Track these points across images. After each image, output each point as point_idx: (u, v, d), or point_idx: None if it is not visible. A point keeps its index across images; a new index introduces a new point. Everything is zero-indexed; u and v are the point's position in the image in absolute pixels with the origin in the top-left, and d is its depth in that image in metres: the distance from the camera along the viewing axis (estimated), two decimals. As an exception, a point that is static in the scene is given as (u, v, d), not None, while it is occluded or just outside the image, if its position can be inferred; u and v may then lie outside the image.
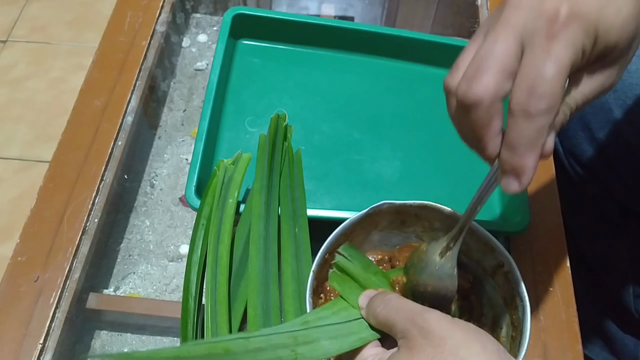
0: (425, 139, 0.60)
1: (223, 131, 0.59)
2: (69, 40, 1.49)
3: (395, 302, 0.34)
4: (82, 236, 0.51)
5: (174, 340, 0.51)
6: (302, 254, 0.47)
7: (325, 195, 0.56)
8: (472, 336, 0.30)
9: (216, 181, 0.50)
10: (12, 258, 0.49)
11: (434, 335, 0.30)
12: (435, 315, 0.31)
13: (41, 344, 0.45)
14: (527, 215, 0.52)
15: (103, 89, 0.59)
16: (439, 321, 0.31)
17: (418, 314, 0.32)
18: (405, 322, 0.32)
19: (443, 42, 0.64)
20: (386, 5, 0.80)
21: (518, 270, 0.40)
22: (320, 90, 0.63)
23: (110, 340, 0.51)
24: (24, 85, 1.41)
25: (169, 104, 0.67)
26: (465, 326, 0.31)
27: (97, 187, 0.53)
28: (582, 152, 0.62)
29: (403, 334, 0.32)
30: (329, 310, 0.37)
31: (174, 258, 0.56)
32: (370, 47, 0.64)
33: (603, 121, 0.60)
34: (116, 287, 0.54)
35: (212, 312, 0.44)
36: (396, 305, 0.34)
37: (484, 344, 0.30)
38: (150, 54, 0.63)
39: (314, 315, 0.37)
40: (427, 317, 0.31)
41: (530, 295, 0.39)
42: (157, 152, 0.63)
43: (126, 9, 0.66)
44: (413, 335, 0.31)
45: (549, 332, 0.48)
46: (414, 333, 0.31)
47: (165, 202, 0.59)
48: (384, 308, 0.34)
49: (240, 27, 0.63)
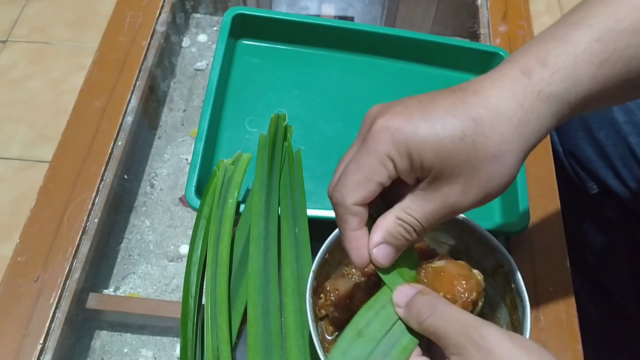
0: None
1: (223, 131, 0.59)
2: (69, 40, 1.49)
3: (445, 311, 0.31)
4: (82, 236, 0.51)
5: (174, 340, 0.51)
6: (302, 254, 0.47)
7: (325, 195, 0.55)
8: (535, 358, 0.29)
9: (216, 181, 0.50)
10: (12, 258, 0.49)
11: (495, 356, 0.28)
12: (494, 331, 0.29)
13: (41, 344, 0.45)
14: (527, 215, 0.52)
15: (103, 89, 0.59)
16: (499, 339, 0.29)
17: (474, 328, 0.30)
18: (460, 336, 0.30)
19: (443, 42, 0.64)
20: (386, 5, 0.80)
21: (518, 270, 0.40)
22: (320, 90, 0.63)
23: (110, 340, 0.51)
24: (24, 85, 1.41)
25: (169, 104, 0.67)
26: (527, 345, 0.29)
27: (97, 187, 0.53)
28: (582, 152, 0.62)
29: (458, 349, 0.30)
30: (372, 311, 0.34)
31: (174, 258, 0.56)
32: (370, 47, 0.64)
33: (603, 121, 0.60)
34: (116, 287, 0.54)
35: (212, 312, 0.44)
36: (447, 315, 0.31)
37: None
38: (150, 54, 0.63)
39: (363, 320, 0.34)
40: (486, 334, 0.29)
41: (530, 295, 0.39)
42: (157, 152, 0.63)
43: (126, 9, 0.66)
44: (471, 354, 0.29)
45: (549, 332, 0.48)
46: (472, 352, 0.29)
47: (165, 202, 0.59)
48: (432, 316, 0.32)
49: (240, 27, 0.63)
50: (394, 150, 0.30)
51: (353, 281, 0.44)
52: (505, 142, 0.30)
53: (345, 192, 0.32)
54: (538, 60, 0.31)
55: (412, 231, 0.33)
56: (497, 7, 0.70)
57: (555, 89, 0.30)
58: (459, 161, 0.30)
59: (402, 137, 0.30)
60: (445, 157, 0.30)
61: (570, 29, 0.32)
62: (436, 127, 0.30)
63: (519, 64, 0.31)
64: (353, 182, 0.32)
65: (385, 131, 0.30)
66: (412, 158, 0.30)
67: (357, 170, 0.32)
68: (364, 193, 0.32)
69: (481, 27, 0.69)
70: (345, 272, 0.45)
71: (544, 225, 0.54)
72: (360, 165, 0.31)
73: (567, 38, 0.31)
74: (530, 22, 0.69)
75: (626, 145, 0.59)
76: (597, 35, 0.31)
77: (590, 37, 0.31)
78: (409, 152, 0.30)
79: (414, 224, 0.32)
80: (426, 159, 0.30)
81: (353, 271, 0.45)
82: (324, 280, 0.43)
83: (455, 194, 0.31)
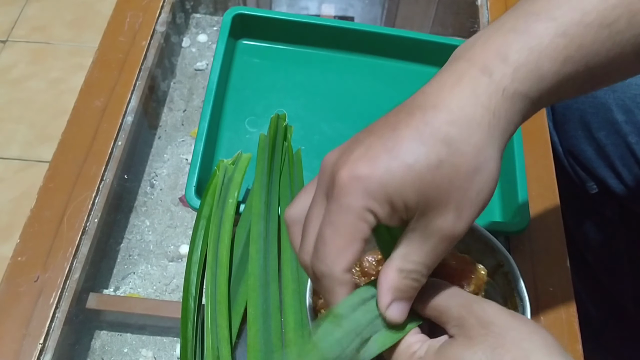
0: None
1: (223, 131, 0.59)
2: (69, 40, 1.49)
3: (447, 287, 0.32)
4: (82, 236, 0.51)
5: (174, 340, 0.51)
6: (302, 254, 0.47)
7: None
8: (533, 329, 0.29)
9: (216, 181, 0.50)
10: (12, 258, 0.49)
11: (495, 325, 0.28)
12: (493, 306, 0.30)
13: (41, 344, 0.45)
14: (527, 215, 0.52)
15: (103, 89, 0.59)
16: (499, 312, 0.29)
17: (476, 302, 0.30)
18: (462, 309, 0.30)
19: (443, 42, 0.64)
20: (386, 5, 0.80)
21: (518, 270, 0.40)
22: (320, 90, 0.63)
23: (110, 340, 0.51)
24: (24, 85, 1.41)
25: (169, 104, 0.67)
26: (524, 319, 0.30)
27: (97, 187, 0.53)
28: (581, 152, 0.62)
29: (459, 321, 0.29)
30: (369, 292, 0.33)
31: (174, 258, 0.56)
32: (370, 47, 0.64)
33: (603, 121, 0.60)
34: (116, 287, 0.54)
35: (212, 312, 0.44)
36: (449, 291, 0.31)
37: (545, 337, 0.29)
38: (150, 54, 0.63)
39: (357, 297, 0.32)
40: (486, 307, 0.29)
41: (530, 295, 0.39)
42: (157, 152, 0.63)
43: (126, 9, 0.66)
44: (471, 324, 0.29)
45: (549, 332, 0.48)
46: (472, 322, 0.29)
47: (165, 202, 0.59)
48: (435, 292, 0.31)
49: (240, 27, 0.63)
50: (371, 201, 0.28)
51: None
52: (481, 151, 0.28)
53: (331, 261, 0.28)
54: (498, 55, 0.29)
55: (420, 277, 0.30)
56: (497, 7, 0.70)
57: (520, 87, 0.28)
58: (442, 189, 0.28)
59: (375, 184, 0.27)
60: (428, 190, 0.27)
61: (532, 19, 0.29)
62: (409, 162, 0.27)
63: (476, 61, 0.29)
64: (336, 249, 0.28)
65: (354, 182, 0.27)
66: (393, 203, 0.28)
67: (336, 234, 0.28)
68: (350, 257, 0.29)
69: (481, 27, 0.69)
70: (345, 272, 0.45)
71: (544, 225, 0.54)
72: (338, 227, 0.28)
73: (529, 31, 0.29)
74: (530, 22, 0.69)
75: (626, 145, 0.59)
76: (562, 29, 0.29)
77: (554, 31, 0.29)
78: (389, 197, 0.28)
79: (419, 271, 0.30)
80: (409, 198, 0.28)
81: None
82: (324, 280, 0.43)
83: (449, 222, 0.28)
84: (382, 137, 0.28)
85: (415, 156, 0.27)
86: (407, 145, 0.28)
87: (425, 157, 0.27)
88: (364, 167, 0.28)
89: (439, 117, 0.28)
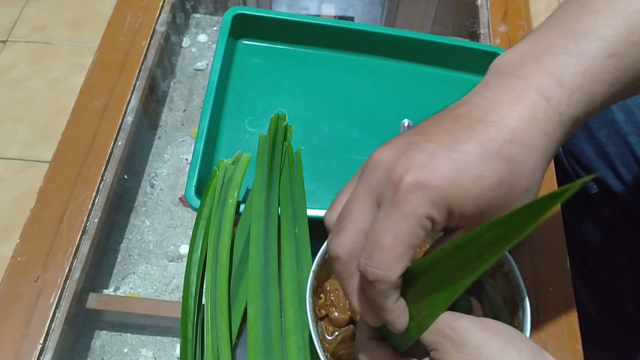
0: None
1: (223, 131, 0.59)
2: (69, 40, 1.50)
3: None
4: (82, 236, 0.51)
5: (174, 340, 0.51)
6: (302, 254, 0.47)
7: (325, 195, 0.55)
8: (506, 341, 0.29)
9: (216, 181, 0.50)
10: (12, 258, 0.49)
11: (467, 347, 0.29)
12: (464, 323, 0.30)
13: (41, 344, 0.45)
14: (527, 215, 0.52)
15: (103, 89, 0.59)
16: (470, 330, 0.30)
17: (445, 324, 0.30)
18: (436, 334, 0.30)
19: (443, 42, 0.64)
20: (386, 5, 0.80)
21: (518, 270, 0.40)
22: (320, 90, 0.63)
23: (110, 340, 0.51)
24: (24, 85, 1.41)
25: (169, 104, 0.67)
26: (497, 329, 0.30)
27: (97, 187, 0.53)
28: (582, 152, 0.62)
29: (435, 346, 0.30)
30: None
31: (174, 258, 0.56)
32: (370, 47, 0.64)
33: (603, 121, 0.60)
34: (116, 287, 0.54)
35: (212, 312, 0.44)
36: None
37: (519, 348, 0.29)
38: (150, 54, 0.63)
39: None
40: (457, 327, 0.30)
41: (530, 295, 0.39)
42: (157, 152, 0.63)
43: (126, 9, 0.66)
44: (446, 348, 0.30)
45: (549, 332, 0.48)
46: (446, 346, 0.30)
47: (165, 202, 0.59)
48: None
49: (240, 27, 0.63)
50: (434, 211, 0.28)
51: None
52: (534, 172, 0.29)
53: (389, 267, 0.29)
54: (553, 79, 0.29)
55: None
56: (497, 7, 0.70)
57: (573, 111, 0.30)
58: (497, 206, 0.29)
59: (440, 195, 0.28)
60: (485, 206, 0.29)
61: (581, 40, 0.30)
62: (474, 179, 0.28)
63: (533, 83, 0.30)
64: (395, 256, 0.28)
65: (420, 191, 0.28)
66: (452, 214, 0.29)
67: (398, 241, 0.28)
68: (406, 262, 0.29)
69: (481, 27, 0.69)
70: (345, 272, 0.45)
71: (544, 225, 0.54)
72: (399, 234, 0.28)
73: (581, 53, 0.30)
74: (530, 22, 0.69)
75: (626, 144, 0.59)
76: (612, 50, 0.30)
77: (605, 52, 0.29)
78: (450, 209, 0.28)
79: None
80: (467, 211, 0.29)
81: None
82: (324, 280, 0.43)
83: None
84: (446, 146, 0.29)
85: (480, 173, 0.28)
86: (473, 160, 0.28)
87: (490, 175, 0.28)
88: (430, 176, 0.28)
89: (502, 135, 0.29)
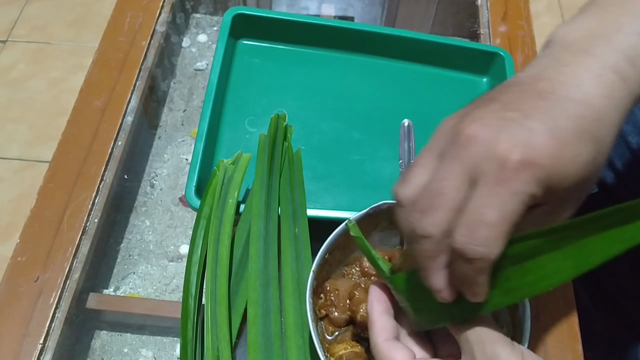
0: (425, 138, 0.60)
1: (223, 131, 0.59)
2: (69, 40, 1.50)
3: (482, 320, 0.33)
4: (82, 236, 0.51)
5: (174, 340, 0.51)
6: (302, 254, 0.47)
7: (325, 195, 0.56)
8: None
9: (216, 181, 0.50)
10: (12, 258, 0.49)
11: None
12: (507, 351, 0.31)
13: (41, 344, 0.45)
14: (527, 215, 0.52)
15: (103, 89, 0.59)
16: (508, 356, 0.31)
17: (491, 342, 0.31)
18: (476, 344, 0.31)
19: (443, 42, 0.64)
20: (386, 5, 0.80)
21: (518, 270, 0.40)
22: (320, 90, 0.63)
23: (110, 340, 0.51)
24: (24, 85, 1.41)
25: (169, 104, 0.67)
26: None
27: (97, 187, 0.53)
28: (582, 152, 0.62)
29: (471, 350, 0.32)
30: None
31: (174, 258, 0.56)
32: (370, 47, 0.64)
33: (603, 121, 0.60)
34: (116, 287, 0.54)
35: (212, 312, 0.44)
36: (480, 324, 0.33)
37: None
38: (150, 54, 0.63)
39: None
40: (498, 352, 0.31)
41: (530, 295, 0.39)
42: (157, 152, 0.63)
43: (126, 9, 0.66)
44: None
45: (549, 332, 0.48)
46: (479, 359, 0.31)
47: (165, 202, 0.59)
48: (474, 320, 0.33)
49: (240, 27, 0.63)
50: (539, 189, 0.28)
51: (353, 281, 0.44)
52: (610, 150, 0.30)
53: (492, 244, 0.28)
54: (627, 59, 0.30)
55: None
56: (497, 7, 0.70)
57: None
58: (584, 185, 0.30)
59: (546, 173, 0.28)
60: (577, 183, 0.29)
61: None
62: (574, 157, 0.28)
63: (608, 62, 0.30)
64: (499, 233, 0.28)
65: (528, 169, 0.27)
66: (551, 190, 0.28)
67: (503, 218, 0.27)
68: (506, 241, 0.28)
69: (481, 27, 0.69)
70: (345, 272, 0.45)
71: (544, 225, 0.54)
72: (505, 210, 0.27)
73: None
74: (530, 22, 0.69)
75: (626, 144, 0.59)
76: None
77: None
78: (550, 187, 0.28)
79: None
80: (562, 189, 0.29)
81: (353, 271, 0.45)
82: (324, 280, 0.43)
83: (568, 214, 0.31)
84: (545, 123, 0.28)
85: (578, 150, 0.28)
86: (571, 138, 0.28)
87: (586, 153, 0.29)
88: (536, 154, 0.27)
89: (589, 113, 0.29)
